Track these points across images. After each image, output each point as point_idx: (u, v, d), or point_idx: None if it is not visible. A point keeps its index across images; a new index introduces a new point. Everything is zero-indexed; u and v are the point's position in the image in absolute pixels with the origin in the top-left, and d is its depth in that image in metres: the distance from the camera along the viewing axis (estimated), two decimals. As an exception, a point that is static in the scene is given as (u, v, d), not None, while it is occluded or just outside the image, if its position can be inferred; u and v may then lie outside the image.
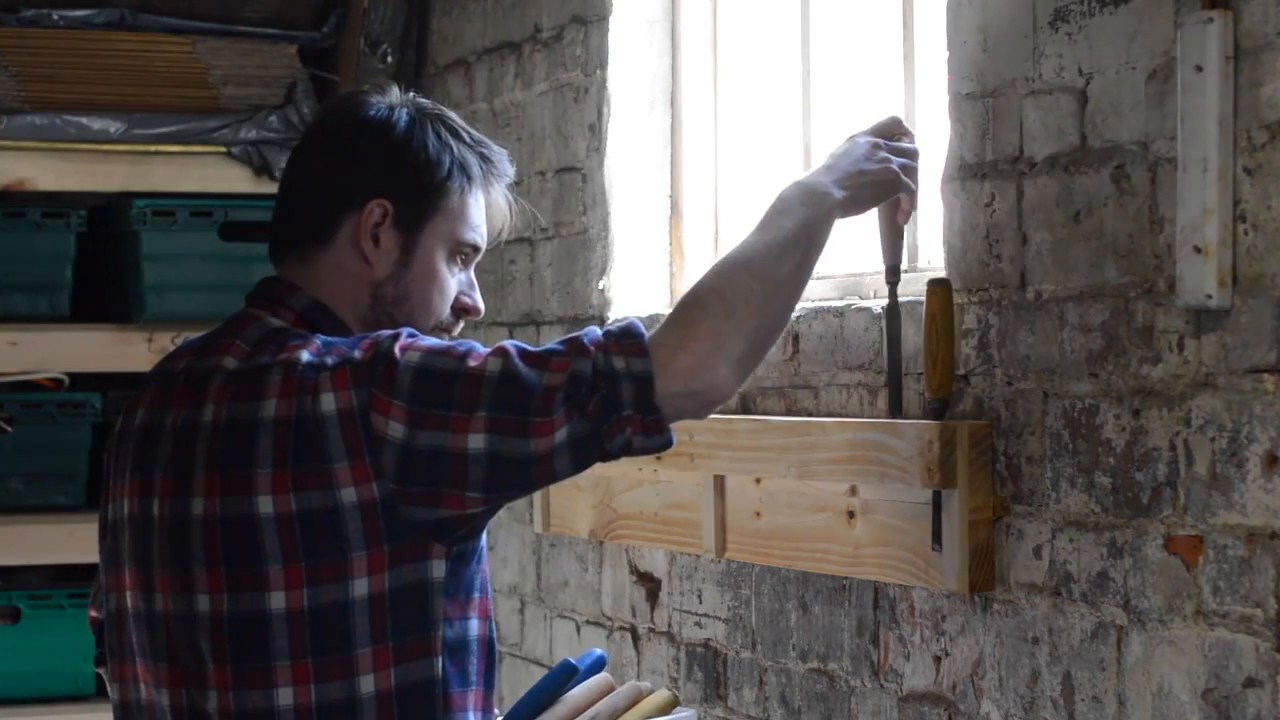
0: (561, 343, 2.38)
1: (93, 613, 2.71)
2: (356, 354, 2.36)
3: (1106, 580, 2.73)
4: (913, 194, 2.86)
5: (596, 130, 4.11)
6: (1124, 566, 2.70)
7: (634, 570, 3.96)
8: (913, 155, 2.85)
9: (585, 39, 4.16)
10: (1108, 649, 2.72)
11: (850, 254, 3.51)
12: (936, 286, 2.97)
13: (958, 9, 2.99)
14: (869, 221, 2.97)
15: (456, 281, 2.56)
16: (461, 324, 2.61)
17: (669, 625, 3.83)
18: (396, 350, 2.35)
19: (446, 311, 2.56)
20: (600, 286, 4.09)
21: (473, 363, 2.34)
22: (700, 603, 3.72)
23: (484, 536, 2.45)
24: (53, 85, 4.89)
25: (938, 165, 3.05)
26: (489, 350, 2.37)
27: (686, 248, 4.05)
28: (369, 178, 2.49)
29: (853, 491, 3.18)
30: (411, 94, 2.59)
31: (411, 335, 2.40)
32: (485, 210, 2.58)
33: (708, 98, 4.04)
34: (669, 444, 2.38)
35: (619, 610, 4.01)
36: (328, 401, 2.33)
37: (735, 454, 3.43)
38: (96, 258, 5.07)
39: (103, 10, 4.95)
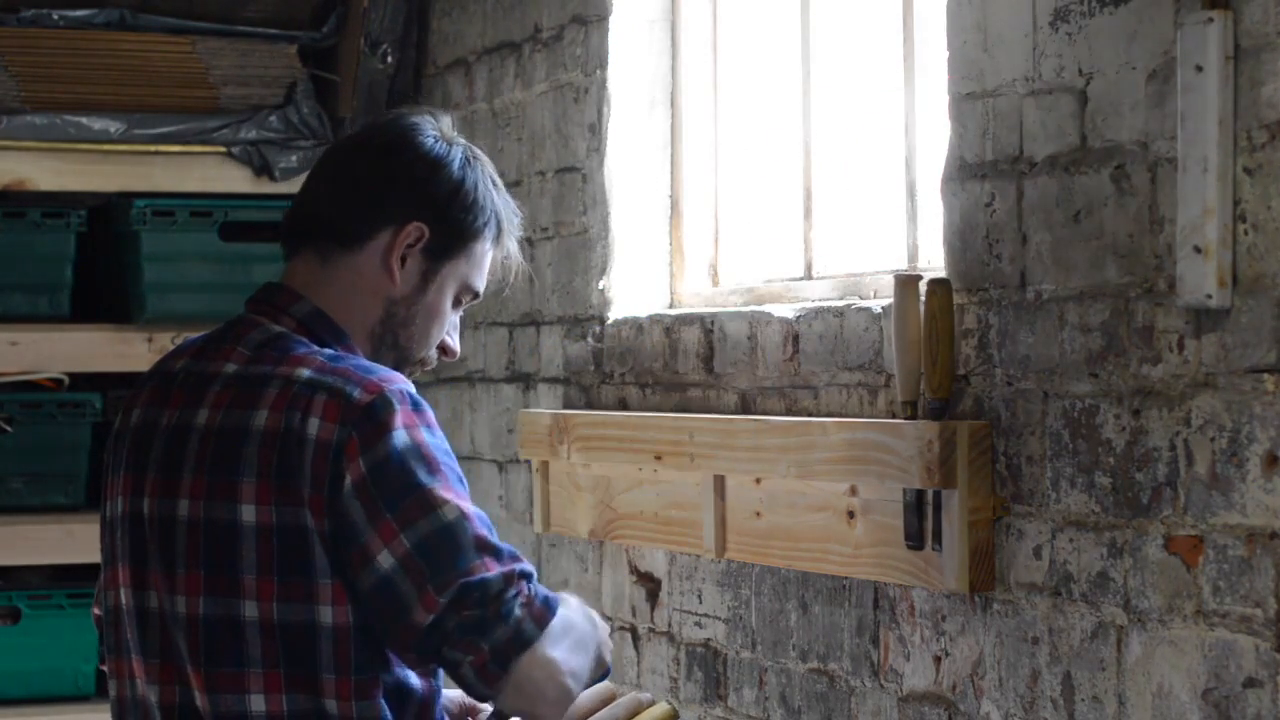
0: (512, 554, 2.41)
1: (96, 610, 2.73)
2: (356, 393, 2.40)
3: (1106, 580, 2.73)
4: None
5: (596, 130, 4.11)
6: (1124, 566, 2.70)
7: (634, 570, 3.96)
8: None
9: (585, 39, 4.16)
10: (1108, 649, 2.72)
11: (850, 254, 3.51)
12: (936, 287, 2.97)
13: (958, 9, 2.99)
14: (869, 222, 2.97)
15: (447, 322, 2.63)
16: (435, 362, 2.65)
17: (669, 625, 3.83)
18: (397, 418, 2.39)
19: (434, 349, 2.63)
20: (600, 286, 4.09)
21: (441, 491, 2.38)
22: (700, 603, 3.72)
23: None
24: (53, 85, 4.89)
25: (938, 165, 3.05)
26: (459, 493, 2.40)
27: (686, 248, 4.05)
28: (418, 201, 2.55)
29: (853, 491, 3.18)
30: (456, 129, 2.64)
31: (418, 407, 2.43)
32: (496, 262, 2.65)
33: (708, 98, 4.04)
34: (487, 700, 2.42)
35: (619, 610, 4.01)
36: (313, 426, 2.38)
37: (735, 454, 3.43)
38: (96, 258, 5.07)
39: (103, 10, 4.94)
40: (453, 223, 2.56)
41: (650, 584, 3.90)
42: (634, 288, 4.06)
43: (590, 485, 3.97)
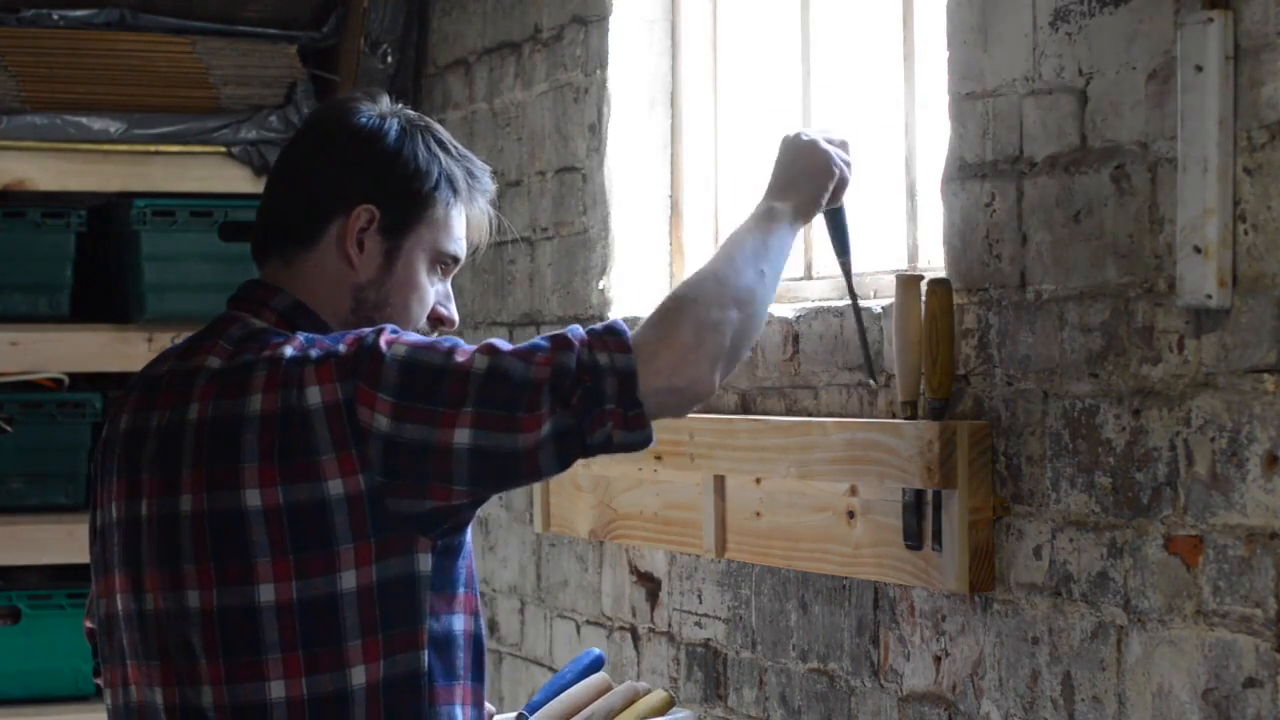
0: (547, 338, 2.40)
1: (88, 624, 2.71)
2: (340, 348, 2.38)
3: (1106, 580, 2.73)
4: (846, 183, 2.85)
5: (596, 130, 4.11)
6: (1124, 566, 2.70)
7: (634, 570, 3.96)
8: (845, 146, 2.84)
9: (585, 39, 4.16)
10: (1108, 649, 2.72)
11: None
12: (936, 287, 2.97)
13: (958, 9, 2.99)
14: (867, 222, 2.97)
15: (435, 291, 2.60)
16: (436, 334, 2.62)
17: (669, 625, 3.83)
18: (382, 344, 2.37)
19: (424, 320, 2.59)
20: (600, 286, 4.09)
21: (459, 358, 2.37)
22: (700, 603, 3.72)
23: (469, 534, 2.47)
24: (53, 85, 4.89)
25: (938, 165, 3.05)
26: (474, 347, 2.40)
27: (686, 248, 4.05)
28: (358, 183, 2.52)
29: (853, 491, 3.18)
30: (400, 104, 2.62)
31: (395, 331, 2.42)
32: (466, 223, 2.61)
33: (708, 98, 4.04)
34: (649, 440, 2.39)
35: (619, 610, 4.01)
36: (313, 395, 2.36)
37: (735, 454, 3.43)
38: (96, 258, 5.07)
39: (103, 10, 4.94)
40: (400, 195, 2.53)
41: (650, 584, 3.90)
42: (634, 288, 4.06)
43: (590, 485, 3.97)
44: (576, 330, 2.41)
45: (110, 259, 5.08)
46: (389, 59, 5.03)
